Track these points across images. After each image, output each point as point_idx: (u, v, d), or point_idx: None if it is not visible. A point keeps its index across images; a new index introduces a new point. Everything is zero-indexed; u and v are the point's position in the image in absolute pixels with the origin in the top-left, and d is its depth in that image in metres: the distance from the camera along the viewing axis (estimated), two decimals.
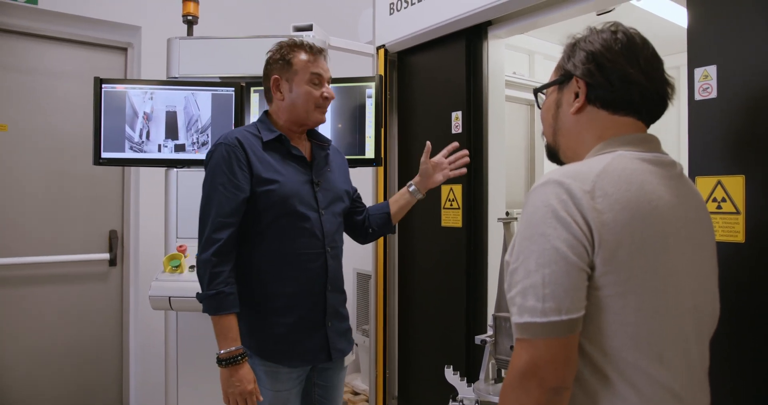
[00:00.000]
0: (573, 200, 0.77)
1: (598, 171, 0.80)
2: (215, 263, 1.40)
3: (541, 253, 0.77)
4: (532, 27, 2.11)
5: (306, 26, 2.28)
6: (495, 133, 2.21)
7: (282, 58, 1.54)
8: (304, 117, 1.55)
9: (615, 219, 0.77)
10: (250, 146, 1.49)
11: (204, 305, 1.42)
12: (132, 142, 2.19)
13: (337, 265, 1.59)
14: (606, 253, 0.76)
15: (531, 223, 0.80)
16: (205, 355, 2.19)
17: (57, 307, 2.84)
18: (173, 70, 2.26)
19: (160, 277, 2.03)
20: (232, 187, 1.43)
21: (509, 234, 1.74)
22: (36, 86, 2.80)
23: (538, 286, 0.76)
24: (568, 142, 0.97)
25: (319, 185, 1.57)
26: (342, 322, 1.61)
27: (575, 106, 0.93)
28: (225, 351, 1.40)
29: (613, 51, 0.89)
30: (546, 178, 0.81)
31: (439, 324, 2.26)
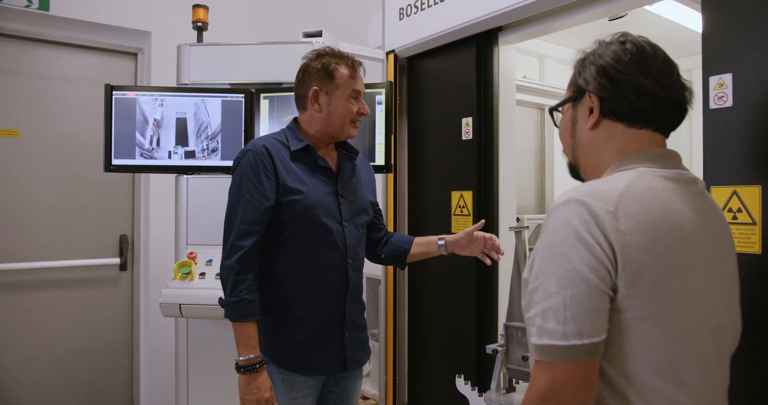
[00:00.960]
0: (596, 221, 0.76)
1: (621, 190, 0.79)
2: (239, 270, 1.41)
3: (562, 274, 0.75)
4: (543, 32, 2.09)
5: (315, 32, 2.28)
6: (506, 139, 2.20)
7: (324, 69, 1.51)
8: (337, 131, 1.54)
9: (638, 240, 0.76)
10: (277, 155, 1.48)
11: (226, 311, 1.43)
12: (142, 149, 2.20)
13: (358, 276, 1.59)
14: (629, 275, 0.75)
15: (552, 244, 0.78)
16: (215, 360, 2.20)
17: (67, 311, 2.86)
18: (183, 77, 2.27)
19: (170, 284, 2.03)
20: (258, 195, 1.43)
21: (521, 243, 1.73)
22: (47, 92, 2.82)
23: (558, 309, 0.74)
24: (587, 158, 0.95)
25: (343, 197, 1.56)
26: (360, 333, 1.61)
27: (590, 121, 0.92)
28: (244, 358, 1.41)
29: (623, 62, 0.88)
30: (567, 197, 0.80)
31: (449, 331, 2.24)
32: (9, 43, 2.73)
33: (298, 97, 1.58)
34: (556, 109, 1.02)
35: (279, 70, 2.25)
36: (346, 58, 1.55)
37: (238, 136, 2.23)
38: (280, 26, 3.06)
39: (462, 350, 2.19)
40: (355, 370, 1.63)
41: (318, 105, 1.52)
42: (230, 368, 2.23)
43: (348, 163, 1.63)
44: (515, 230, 1.72)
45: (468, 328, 2.16)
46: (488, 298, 2.14)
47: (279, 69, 2.25)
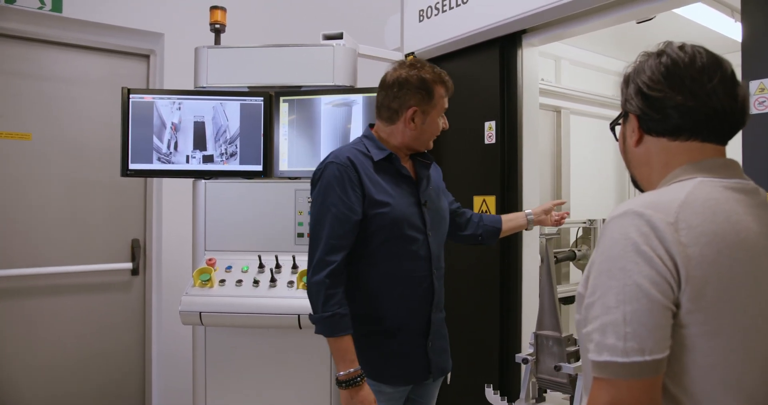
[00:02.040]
0: (655, 233, 0.73)
1: (681, 201, 0.77)
2: (329, 285, 1.38)
3: (622, 289, 0.73)
4: (567, 35, 2.06)
5: (336, 34, 2.24)
6: (529, 143, 2.17)
7: (424, 89, 1.48)
8: (422, 145, 1.55)
9: (701, 253, 0.73)
10: (361, 166, 1.46)
11: (319, 327, 1.40)
12: (160, 153, 2.16)
13: (442, 286, 1.58)
14: (693, 290, 0.72)
15: (610, 257, 0.76)
16: (234, 368, 2.16)
17: (79, 317, 2.82)
18: (201, 80, 2.23)
19: (190, 291, 2.00)
20: (345, 209, 1.40)
21: (551, 249, 1.70)
22: (59, 94, 2.78)
23: (618, 324, 0.72)
24: (640, 172, 0.95)
25: (426, 206, 1.54)
26: (442, 342, 1.60)
27: (633, 138, 0.92)
28: (344, 373, 1.39)
29: (655, 79, 0.87)
30: (624, 209, 0.77)
31: (473, 339, 2.21)
32: (21, 45, 2.69)
33: (386, 109, 1.52)
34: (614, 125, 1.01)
35: (299, 73, 2.21)
36: (444, 78, 1.52)
37: (257, 140, 2.19)
38: (295, 28, 3.02)
39: (486, 358, 2.15)
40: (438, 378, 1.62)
41: (413, 123, 1.50)
42: (250, 376, 2.20)
43: (424, 170, 1.60)
44: (547, 237, 1.69)
45: (492, 336, 2.12)
46: (512, 306, 2.11)
47: (299, 72, 2.21)
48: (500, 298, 2.11)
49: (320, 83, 2.18)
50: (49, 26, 2.66)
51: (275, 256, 2.07)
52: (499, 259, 2.12)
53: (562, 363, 1.62)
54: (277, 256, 2.07)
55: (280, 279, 2.03)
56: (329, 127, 2.17)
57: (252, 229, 2.17)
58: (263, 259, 2.08)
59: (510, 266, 2.13)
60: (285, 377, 2.14)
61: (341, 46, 2.20)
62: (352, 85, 2.21)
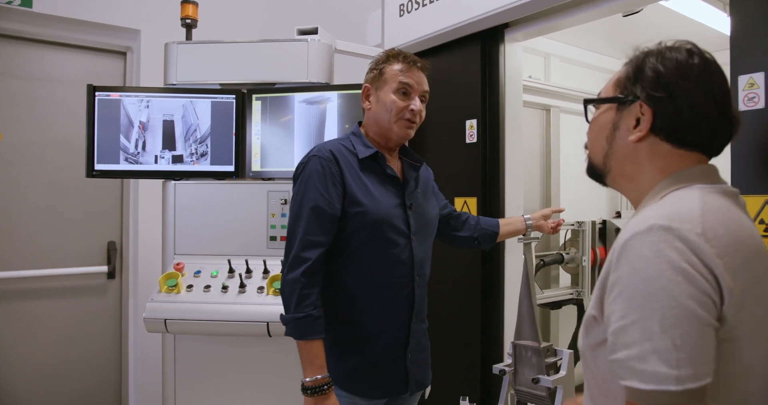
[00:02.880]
0: (690, 247, 0.68)
1: (700, 210, 0.71)
2: (304, 284, 1.30)
3: (666, 311, 0.66)
4: (552, 29, 1.97)
5: (311, 29, 2.15)
6: (512, 143, 2.08)
7: (376, 67, 1.46)
8: (386, 128, 1.43)
9: (733, 263, 0.69)
10: (344, 161, 1.39)
11: (289, 328, 1.32)
12: (127, 153, 2.08)
13: (424, 294, 1.48)
14: (735, 301, 0.68)
15: (644, 277, 0.69)
16: (204, 377, 2.08)
17: (54, 321, 2.73)
18: (171, 77, 2.14)
19: (155, 297, 1.91)
20: (324, 204, 1.33)
21: (530, 255, 1.61)
22: (31, 93, 2.69)
23: (669, 351, 0.66)
24: (622, 168, 0.86)
25: (411, 209, 1.46)
26: (422, 353, 1.50)
27: (637, 134, 0.82)
28: (311, 379, 1.30)
29: (689, 78, 0.78)
30: (647, 224, 0.70)
31: (454, 348, 2.12)
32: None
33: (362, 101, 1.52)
34: (594, 104, 0.90)
35: (272, 69, 2.12)
36: (401, 55, 1.46)
37: (228, 140, 2.11)
38: (276, 24, 2.94)
39: (466, 369, 2.06)
40: (416, 393, 1.53)
41: (368, 101, 1.47)
42: (220, 383, 2.12)
43: (412, 172, 1.52)
44: (525, 242, 1.60)
45: (472, 345, 2.03)
46: (494, 314, 2.02)
47: (272, 68, 2.12)
48: (482, 306, 2.02)
49: (294, 80, 2.10)
50: (18, 22, 2.58)
51: (245, 261, 1.99)
52: (481, 265, 2.03)
53: (541, 375, 1.54)
54: (248, 261, 1.99)
55: (249, 285, 1.94)
56: (303, 126, 2.09)
57: (223, 232, 2.08)
58: (233, 263, 2.00)
59: (492, 273, 2.04)
60: (256, 385, 2.05)
61: (316, 42, 2.11)
62: (327, 82, 2.13)
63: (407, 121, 1.44)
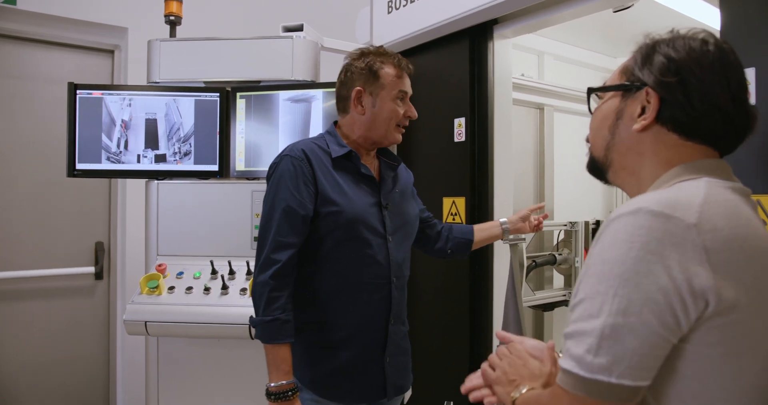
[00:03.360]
0: (670, 237, 0.62)
1: (701, 200, 0.66)
2: (273, 287, 1.28)
3: (610, 298, 0.62)
4: (542, 25, 1.93)
5: (296, 26, 2.11)
6: (501, 142, 2.04)
7: (368, 68, 1.39)
8: (381, 135, 1.41)
9: (729, 260, 0.63)
10: (317, 160, 1.36)
11: (257, 331, 1.30)
12: (109, 153, 2.04)
13: (402, 296, 1.45)
14: (721, 303, 0.62)
15: (604, 259, 0.65)
16: (186, 377, 2.05)
17: (41, 322, 2.70)
18: (154, 75, 2.11)
19: (136, 299, 1.87)
20: (294, 204, 1.30)
21: (516, 256, 1.57)
22: (17, 92, 2.66)
23: (594, 335, 0.62)
24: (624, 161, 0.80)
25: (387, 208, 1.42)
26: (401, 357, 1.47)
27: (641, 123, 0.76)
28: (276, 384, 1.28)
29: (703, 66, 0.72)
30: (635, 206, 0.65)
31: (440, 352, 2.08)
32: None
33: (339, 99, 1.45)
34: (597, 93, 0.85)
35: (257, 67, 2.08)
36: (393, 56, 1.42)
37: (212, 139, 2.07)
38: (263, 21, 2.89)
39: (453, 373, 2.02)
40: (395, 398, 1.48)
41: (361, 107, 1.40)
42: (204, 386, 2.08)
43: (390, 171, 1.48)
44: (510, 243, 1.56)
45: (460, 347, 1.99)
46: (482, 316, 1.98)
47: (257, 66, 2.08)
48: (470, 309, 1.98)
49: (278, 78, 2.06)
50: (2, 19, 2.54)
51: (228, 262, 1.95)
52: (469, 266, 1.99)
53: None
54: (230, 262, 1.95)
55: (232, 286, 1.91)
56: (288, 124, 2.05)
57: (207, 233, 2.05)
58: (216, 264, 1.96)
59: (481, 274, 1.99)
60: (239, 387, 2.02)
61: (301, 39, 2.07)
62: (313, 79, 2.09)
63: (401, 127, 1.43)
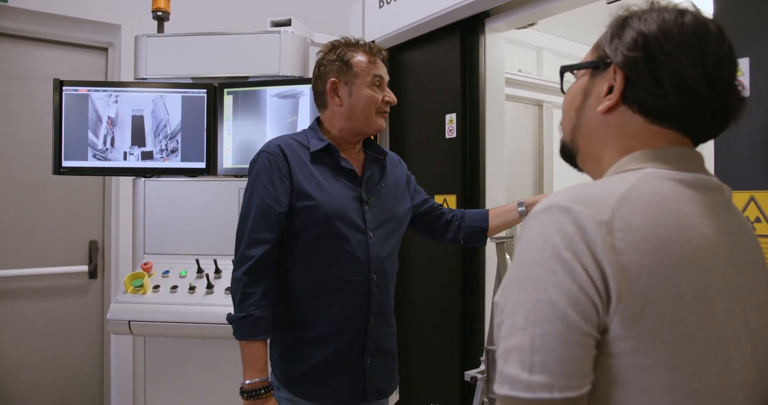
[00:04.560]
0: (582, 235, 0.57)
1: (619, 195, 0.60)
2: (247, 283, 1.27)
3: (533, 305, 0.57)
4: (534, 18, 1.88)
5: (284, 21, 2.08)
6: (493, 138, 1.99)
7: (339, 59, 1.36)
8: (363, 123, 1.37)
9: (641, 263, 0.57)
10: (293, 155, 1.34)
11: (233, 327, 1.29)
12: (95, 150, 2.02)
13: (385, 294, 1.40)
14: (628, 311, 0.57)
15: (524, 263, 0.60)
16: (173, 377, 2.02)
17: (34, 321, 2.68)
18: (141, 71, 2.08)
19: (120, 298, 1.85)
20: (269, 200, 1.29)
21: (503, 256, 1.52)
22: (10, 90, 2.65)
23: (524, 351, 0.57)
24: (589, 146, 0.74)
25: (368, 203, 1.38)
26: (384, 359, 1.42)
27: (605, 103, 0.70)
28: (249, 382, 1.26)
29: (673, 39, 0.65)
30: (548, 202, 0.61)
31: (430, 354, 2.03)
32: None
33: (316, 96, 1.42)
34: (570, 71, 0.78)
35: (245, 62, 2.05)
36: (363, 44, 1.39)
37: (200, 136, 2.04)
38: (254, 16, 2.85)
39: (444, 375, 1.98)
40: (376, 402, 1.43)
41: (338, 98, 1.37)
42: (191, 386, 2.05)
43: (375, 165, 1.45)
44: (497, 241, 1.51)
45: (451, 351, 1.94)
46: (474, 316, 1.93)
47: (245, 62, 2.05)
48: (462, 308, 1.93)
49: (266, 73, 2.03)
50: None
51: (214, 261, 1.92)
52: (461, 264, 1.94)
53: None
54: (216, 261, 1.92)
55: (218, 285, 1.87)
56: (275, 121, 2.01)
57: (194, 231, 2.02)
58: (202, 263, 1.93)
59: (473, 272, 1.95)
60: (226, 387, 1.98)
61: (288, 34, 2.03)
62: (301, 75, 2.05)
63: (383, 113, 1.39)
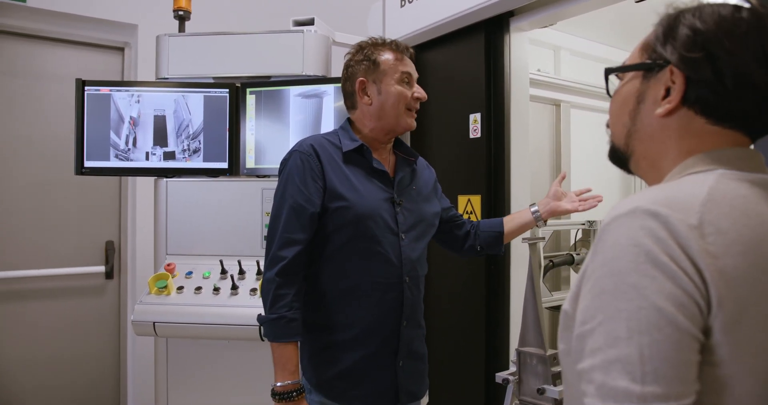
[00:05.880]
0: (676, 239, 0.55)
1: (703, 198, 0.58)
2: (279, 284, 1.26)
3: (635, 312, 0.54)
4: (559, 17, 1.86)
5: (307, 20, 2.07)
6: (518, 138, 1.97)
7: (366, 59, 1.37)
8: (393, 121, 1.37)
9: (735, 266, 0.55)
10: (326, 155, 1.33)
11: (264, 329, 1.28)
12: (117, 150, 2.01)
13: (417, 297, 1.39)
14: (728, 316, 0.54)
15: (614, 270, 0.57)
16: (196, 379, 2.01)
17: (50, 323, 2.68)
18: (162, 71, 2.07)
19: (144, 299, 1.84)
20: (302, 200, 1.28)
21: (536, 256, 1.51)
22: (26, 90, 2.64)
23: (633, 361, 0.53)
24: (647, 150, 0.71)
25: (401, 205, 1.37)
26: (417, 361, 1.41)
27: (665, 107, 0.67)
28: (281, 384, 1.26)
29: (735, 36, 0.62)
30: (631, 206, 0.59)
31: (456, 356, 2.02)
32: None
33: (346, 97, 1.43)
34: (616, 74, 0.75)
35: (267, 62, 2.04)
36: (390, 42, 1.40)
37: (222, 136, 2.03)
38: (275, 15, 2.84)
39: (469, 378, 1.96)
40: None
41: (368, 97, 1.37)
42: (213, 388, 2.04)
43: (406, 167, 1.44)
44: (529, 242, 1.50)
45: (476, 353, 1.93)
46: (499, 319, 1.92)
47: (267, 61, 2.04)
48: (486, 310, 1.92)
49: (289, 73, 2.02)
50: (12, 17, 2.53)
51: (238, 262, 1.91)
52: (486, 267, 1.93)
53: (546, 385, 1.44)
54: (240, 262, 1.91)
55: (242, 286, 1.86)
56: (299, 120, 2.00)
57: (216, 232, 2.01)
58: (226, 264, 1.92)
59: (497, 275, 1.93)
60: (249, 389, 1.98)
61: (312, 33, 2.02)
62: (324, 74, 2.04)
63: (412, 111, 1.39)
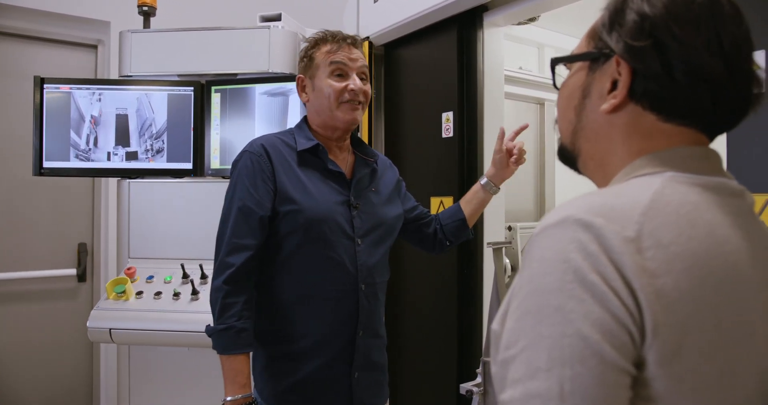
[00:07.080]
0: (608, 254, 0.48)
1: (644, 206, 0.50)
2: (227, 292, 1.19)
3: (558, 340, 0.47)
4: (533, 12, 1.80)
5: (274, 16, 2.00)
6: (492, 137, 1.89)
7: (306, 55, 1.33)
8: (329, 117, 1.30)
9: (677, 286, 0.48)
10: (278, 156, 1.27)
11: (212, 341, 1.21)
12: (78, 150, 1.94)
13: (374, 305, 1.33)
14: (665, 346, 0.47)
15: (539, 288, 0.49)
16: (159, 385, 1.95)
17: (21, 327, 2.62)
18: (126, 68, 2.00)
19: (101, 304, 1.77)
20: (251, 203, 1.21)
21: (500, 263, 1.43)
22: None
23: (552, 398, 0.46)
24: (593, 149, 0.64)
25: (357, 208, 1.30)
26: (373, 372, 1.35)
27: (610, 102, 0.59)
28: (231, 398, 1.20)
29: (685, 22, 0.54)
30: (561, 215, 0.51)
31: (426, 365, 1.95)
32: None
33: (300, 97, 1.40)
34: (562, 64, 0.67)
35: (232, 59, 1.97)
36: (328, 35, 1.33)
37: (186, 135, 1.96)
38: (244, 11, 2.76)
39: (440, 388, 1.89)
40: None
41: (305, 94, 1.34)
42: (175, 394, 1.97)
43: (364, 168, 1.38)
44: (493, 247, 1.42)
45: (448, 363, 1.86)
46: (472, 327, 1.84)
47: (232, 58, 1.97)
48: (458, 318, 1.84)
49: (255, 70, 1.95)
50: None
51: (200, 266, 1.84)
52: (457, 271, 1.86)
53: None
54: (202, 266, 1.84)
55: (203, 291, 1.79)
56: (264, 119, 1.93)
57: (179, 235, 1.94)
58: (188, 268, 1.85)
59: (470, 280, 1.86)
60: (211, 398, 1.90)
61: (279, 29, 1.95)
62: (291, 72, 1.97)
63: (350, 103, 1.28)
